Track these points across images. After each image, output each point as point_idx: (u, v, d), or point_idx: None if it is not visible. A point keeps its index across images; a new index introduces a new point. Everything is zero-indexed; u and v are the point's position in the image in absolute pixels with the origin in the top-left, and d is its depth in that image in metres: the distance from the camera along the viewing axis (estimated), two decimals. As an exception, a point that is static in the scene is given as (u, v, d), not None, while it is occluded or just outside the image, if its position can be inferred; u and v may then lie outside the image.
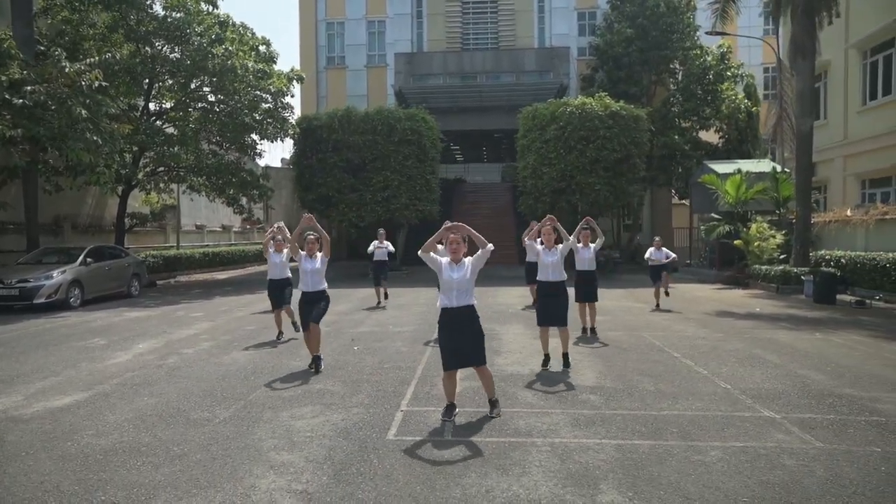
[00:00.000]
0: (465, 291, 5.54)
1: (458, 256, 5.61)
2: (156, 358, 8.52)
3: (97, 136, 14.70)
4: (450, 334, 5.51)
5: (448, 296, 5.54)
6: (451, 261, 5.62)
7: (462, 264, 5.60)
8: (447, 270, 5.57)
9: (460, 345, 5.47)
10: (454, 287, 5.51)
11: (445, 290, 5.55)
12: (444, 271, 5.57)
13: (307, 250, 7.88)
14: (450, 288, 5.52)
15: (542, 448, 4.82)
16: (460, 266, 5.58)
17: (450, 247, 5.64)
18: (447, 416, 5.53)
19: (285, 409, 5.92)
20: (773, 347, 8.90)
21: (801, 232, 17.36)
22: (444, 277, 5.55)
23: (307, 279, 7.79)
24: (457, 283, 5.50)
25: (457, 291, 5.51)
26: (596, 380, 7.00)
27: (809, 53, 17.16)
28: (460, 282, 5.51)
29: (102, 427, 5.45)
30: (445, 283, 5.55)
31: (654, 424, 5.38)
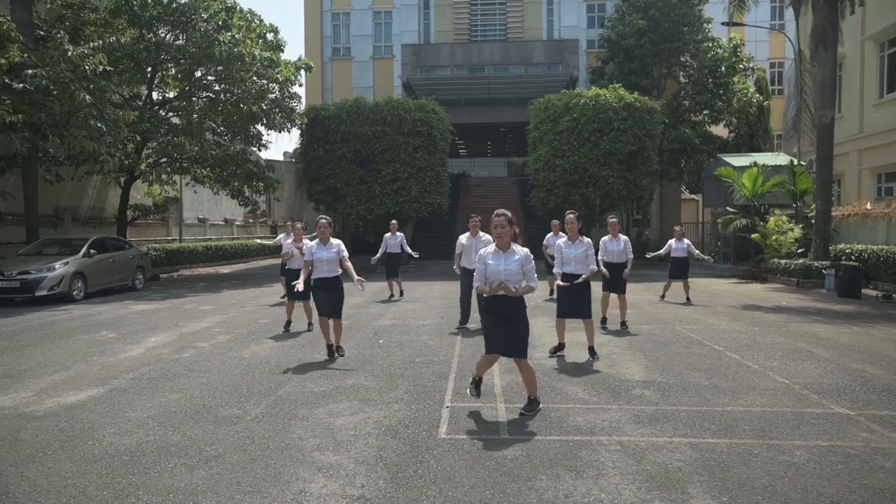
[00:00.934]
0: (514, 283, 5.09)
1: (504, 241, 5.12)
2: (171, 352, 8.08)
3: (101, 123, 14.22)
4: (496, 323, 5.11)
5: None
6: (498, 248, 5.14)
7: (511, 253, 5.10)
8: (494, 261, 5.09)
9: (504, 334, 5.08)
10: (502, 278, 5.04)
11: (493, 281, 5.07)
12: (490, 265, 5.08)
13: (320, 236, 7.52)
14: (498, 279, 5.06)
15: (610, 447, 4.41)
16: (509, 255, 5.09)
17: (494, 231, 5.15)
18: (475, 392, 5.32)
19: (320, 406, 5.50)
20: (814, 341, 8.52)
21: (821, 225, 16.99)
22: (493, 270, 5.06)
23: (322, 267, 7.47)
24: (505, 275, 5.04)
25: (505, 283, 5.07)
26: (644, 374, 6.60)
27: (832, 43, 16.76)
28: (508, 274, 5.04)
29: (124, 425, 5.02)
30: (493, 275, 5.06)
31: (723, 421, 4.97)
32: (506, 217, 5.13)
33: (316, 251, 7.46)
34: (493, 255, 5.13)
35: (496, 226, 5.13)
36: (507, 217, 5.14)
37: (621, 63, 26.13)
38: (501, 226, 5.10)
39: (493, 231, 5.20)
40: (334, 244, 7.53)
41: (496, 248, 5.16)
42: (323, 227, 7.53)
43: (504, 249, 5.12)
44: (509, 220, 5.15)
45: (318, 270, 7.47)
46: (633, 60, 25.78)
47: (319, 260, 7.44)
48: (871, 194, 21.12)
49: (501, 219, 5.11)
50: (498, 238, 5.14)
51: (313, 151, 22.48)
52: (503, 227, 5.10)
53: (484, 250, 5.27)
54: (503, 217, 5.13)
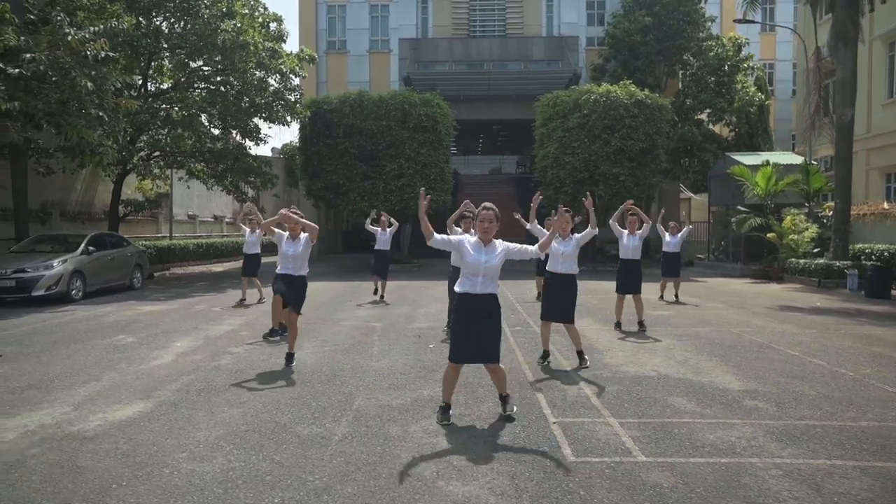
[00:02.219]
0: (492, 279, 4.75)
1: (489, 237, 4.73)
2: (204, 358, 7.36)
3: (102, 113, 13.33)
4: (467, 325, 4.71)
5: (472, 281, 4.73)
6: (480, 240, 4.74)
7: (493, 246, 4.74)
8: (475, 252, 4.71)
9: (478, 337, 4.70)
10: (480, 272, 4.69)
11: (470, 273, 4.72)
12: (469, 253, 4.70)
13: (290, 230, 6.91)
14: (476, 273, 4.70)
15: (771, 472, 3.88)
16: (490, 248, 4.72)
17: (480, 225, 4.74)
18: (445, 418, 4.79)
19: (410, 423, 4.87)
20: (885, 345, 8.14)
21: (840, 225, 16.79)
22: (470, 260, 4.69)
23: (287, 263, 6.90)
24: (484, 269, 4.67)
25: (482, 278, 4.70)
26: (739, 382, 6.10)
27: (852, 41, 16.56)
28: (488, 267, 4.68)
29: (196, 448, 4.34)
30: (471, 267, 4.70)
31: (871, 441, 4.47)
32: (493, 211, 4.79)
33: (284, 246, 6.92)
34: (475, 246, 4.75)
35: (483, 219, 4.75)
36: (495, 212, 4.80)
37: (625, 60, 25.77)
38: (489, 220, 4.73)
39: (478, 224, 4.80)
40: (302, 239, 6.93)
41: (478, 240, 4.78)
42: (293, 221, 6.78)
43: (486, 244, 4.76)
44: (496, 214, 4.80)
45: (283, 266, 6.93)
46: (639, 58, 25.45)
47: (284, 255, 6.91)
48: (879, 194, 21.06)
49: (490, 213, 4.77)
50: (484, 233, 4.74)
51: (314, 146, 21.69)
52: (490, 223, 4.73)
53: (464, 236, 4.92)
54: (491, 211, 4.78)
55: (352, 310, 11.61)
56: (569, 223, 6.85)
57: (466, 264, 4.77)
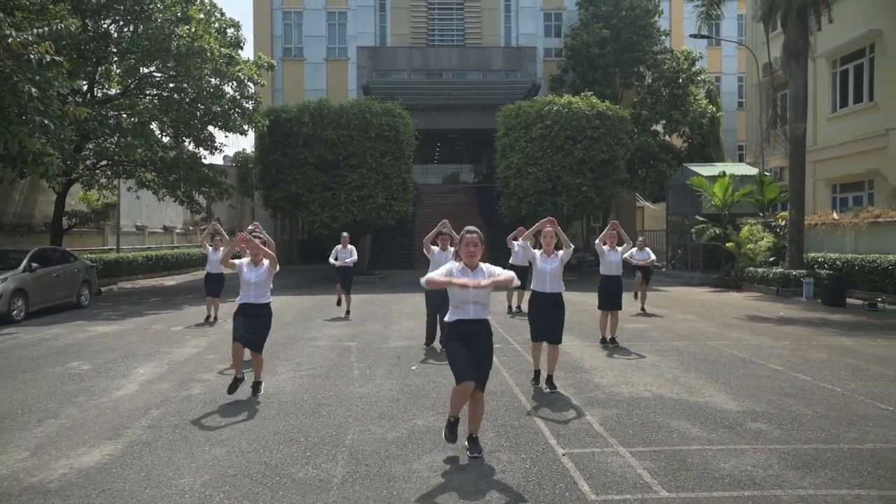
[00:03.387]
0: (484, 305, 4.59)
1: (474, 261, 4.57)
2: (173, 387, 6.85)
3: (47, 120, 12.50)
4: (466, 347, 4.55)
5: (464, 310, 4.55)
6: (466, 266, 4.57)
7: (480, 271, 4.57)
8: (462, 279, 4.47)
9: (474, 361, 4.53)
10: (471, 300, 4.51)
11: (460, 303, 4.55)
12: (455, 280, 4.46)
13: (251, 255, 6.43)
14: (466, 301, 4.52)
15: (798, 505, 3.76)
16: (478, 273, 4.55)
17: (465, 249, 4.57)
18: (452, 437, 4.58)
19: (411, 459, 4.57)
20: (860, 357, 8.27)
21: (794, 234, 17.27)
22: (458, 290, 4.47)
23: (249, 291, 6.37)
24: (474, 296, 4.49)
25: (474, 305, 4.54)
26: (735, 403, 6.02)
27: (803, 57, 17.15)
28: (478, 294, 4.50)
29: (180, 499, 3.92)
30: (460, 297, 4.52)
31: (885, 465, 4.41)
32: (478, 235, 4.62)
33: (245, 272, 6.38)
34: (461, 272, 4.56)
35: (468, 244, 4.57)
36: (479, 235, 4.63)
37: (584, 72, 26.12)
38: (474, 244, 4.57)
39: (462, 249, 4.61)
40: (264, 264, 6.42)
41: (464, 267, 4.59)
42: (254, 246, 6.36)
43: (473, 269, 4.57)
44: (481, 238, 4.63)
45: (245, 295, 6.38)
46: (597, 70, 25.83)
47: (246, 282, 6.37)
48: (826, 204, 21.87)
49: (474, 236, 4.60)
50: (469, 257, 4.57)
51: (272, 155, 21.05)
52: (475, 246, 4.57)
53: (451, 266, 4.67)
54: (475, 235, 4.61)
55: (321, 327, 11.16)
56: (553, 238, 6.65)
57: (455, 294, 4.54)
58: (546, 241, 6.58)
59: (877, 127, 19.41)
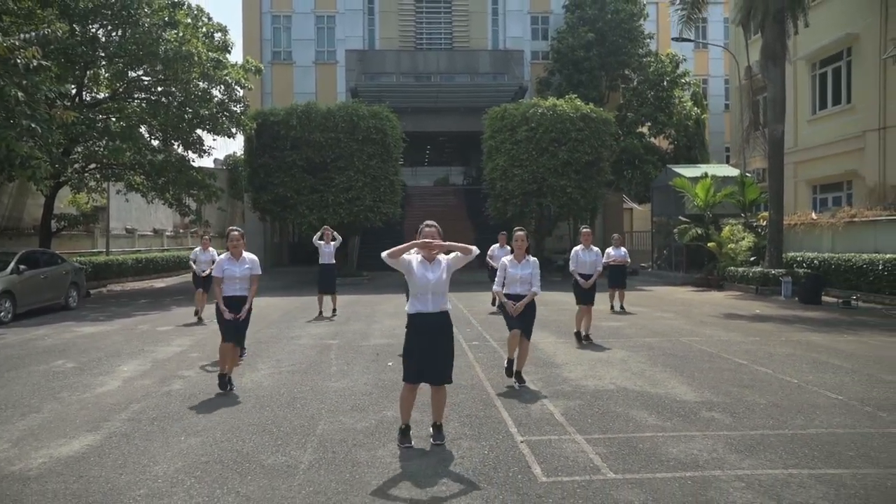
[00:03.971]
0: (442, 295, 4.79)
1: (431, 255, 4.79)
2: (154, 383, 7.06)
3: (35, 124, 12.68)
4: (421, 344, 4.73)
5: (422, 300, 4.74)
6: (424, 258, 4.79)
7: (437, 263, 4.79)
8: (421, 270, 4.73)
9: (432, 356, 4.73)
10: (430, 290, 4.72)
11: (419, 293, 4.74)
12: (416, 271, 4.72)
13: (231, 250, 6.71)
14: (425, 291, 4.72)
15: (734, 484, 4.01)
16: (435, 265, 4.78)
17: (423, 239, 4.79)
18: (405, 441, 4.78)
19: (377, 447, 4.80)
20: (824, 351, 8.56)
21: (774, 234, 17.60)
22: (417, 278, 4.71)
23: (234, 285, 6.68)
24: (433, 286, 4.71)
25: (432, 295, 4.73)
26: (694, 393, 6.29)
27: (780, 60, 17.48)
28: (437, 283, 4.72)
29: (153, 483, 4.14)
30: (419, 286, 4.72)
31: (820, 447, 4.69)
32: (435, 228, 4.86)
33: (227, 266, 6.66)
34: (421, 265, 4.78)
35: (425, 236, 4.78)
36: (437, 228, 4.87)
37: (569, 75, 26.45)
38: (431, 237, 4.77)
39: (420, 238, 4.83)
40: (247, 260, 6.73)
41: (422, 258, 4.81)
42: (235, 239, 6.69)
43: (431, 262, 4.80)
44: (438, 231, 4.86)
45: (229, 288, 6.68)
46: (582, 72, 26.16)
47: (230, 277, 6.65)
48: (806, 205, 22.25)
49: (432, 229, 4.82)
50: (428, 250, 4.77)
51: (260, 158, 21.24)
52: (433, 239, 4.77)
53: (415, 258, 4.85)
54: (433, 228, 4.84)
55: (304, 327, 11.38)
56: (525, 242, 6.85)
57: (414, 284, 4.75)
58: (518, 245, 6.74)
59: (854, 129, 19.81)
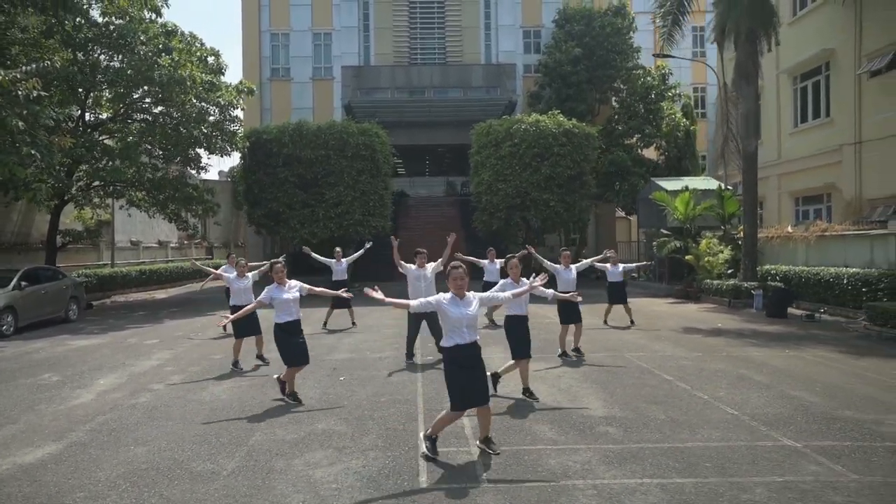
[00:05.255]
0: (474, 328, 5.38)
1: (462, 292, 5.37)
2: (124, 396, 7.81)
3: (34, 150, 13.58)
4: (464, 374, 5.28)
5: (459, 332, 5.28)
6: (456, 296, 5.35)
7: (468, 300, 5.37)
8: (454, 308, 5.29)
9: (475, 384, 5.30)
10: (465, 325, 5.28)
11: (454, 327, 5.28)
12: (450, 311, 5.27)
13: (277, 279, 7.50)
14: (460, 325, 5.27)
15: (586, 492, 4.64)
16: (466, 302, 5.35)
17: (454, 283, 5.36)
18: (434, 451, 5.38)
19: (296, 456, 5.49)
20: (753, 367, 9.11)
21: (748, 248, 18.09)
22: (453, 317, 5.26)
23: (290, 308, 7.44)
24: (468, 321, 5.30)
25: (467, 329, 5.30)
26: (605, 409, 6.91)
27: (753, 78, 18.01)
28: (471, 318, 5.32)
29: (94, 487, 4.86)
30: (454, 322, 5.27)
31: (686, 459, 5.30)
32: (463, 269, 5.40)
33: (275, 293, 7.39)
34: (451, 301, 5.32)
35: (455, 277, 5.35)
36: (464, 269, 5.42)
37: (558, 89, 27.08)
38: (461, 277, 5.34)
39: (451, 282, 5.38)
40: (293, 284, 7.51)
41: (453, 296, 5.36)
42: (279, 271, 7.50)
43: (462, 298, 5.35)
44: (465, 271, 5.41)
45: (285, 313, 7.39)
46: (570, 86, 26.78)
47: (283, 301, 7.38)
48: (789, 217, 22.67)
49: (460, 271, 5.37)
50: (458, 289, 5.35)
51: (254, 175, 22.12)
52: (462, 279, 5.35)
53: (440, 296, 5.44)
54: (461, 269, 5.38)
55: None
56: (518, 267, 7.50)
57: (450, 320, 5.24)
58: (512, 270, 7.28)
59: (833, 142, 20.25)
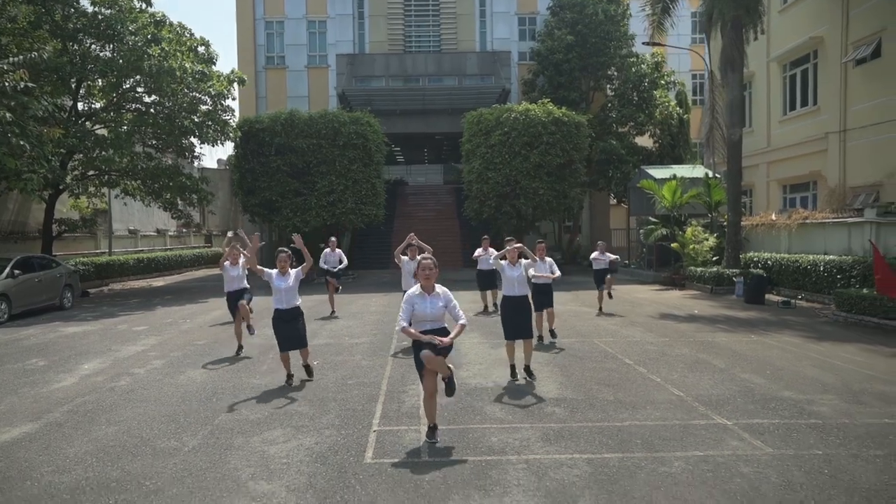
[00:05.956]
0: (439, 321, 5.48)
1: (430, 283, 5.46)
2: (105, 380, 8.19)
3: (24, 141, 13.90)
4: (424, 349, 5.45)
5: (422, 325, 5.44)
6: (423, 290, 5.45)
7: (436, 295, 5.45)
8: (420, 302, 5.41)
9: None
10: (428, 319, 5.43)
11: (418, 321, 5.41)
12: (416, 306, 5.40)
13: (279, 268, 7.77)
14: (424, 320, 5.42)
15: (517, 466, 4.98)
16: (434, 297, 5.44)
17: (421, 273, 5.48)
18: (431, 437, 5.52)
19: (255, 434, 5.85)
20: (714, 351, 9.43)
21: (732, 235, 18.34)
22: (417, 311, 5.39)
23: (281, 297, 7.71)
24: (432, 315, 5.41)
25: (430, 323, 5.44)
26: (558, 391, 7.24)
27: (738, 66, 18.14)
28: (435, 314, 5.43)
29: (62, 462, 5.23)
30: (418, 316, 5.40)
31: (619, 436, 5.63)
32: (432, 261, 5.56)
33: (276, 281, 7.70)
34: (419, 297, 5.45)
35: (423, 268, 5.46)
36: (433, 261, 5.57)
37: (551, 76, 27.19)
38: (429, 268, 5.46)
39: (420, 273, 5.51)
40: (292, 273, 7.80)
41: (422, 291, 5.48)
42: (282, 260, 7.77)
43: (430, 293, 5.48)
44: (434, 263, 5.55)
45: (277, 301, 7.72)
46: (563, 74, 26.88)
47: (277, 290, 7.69)
48: (777, 204, 22.85)
49: (428, 262, 5.51)
50: (426, 280, 5.45)
51: (248, 164, 22.43)
52: (430, 270, 5.46)
53: (411, 291, 5.55)
54: (429, 261, 5.52)
55: (266, 327, 12.43)
56: (516, 252, 7.88)
57: (415, 315, 5.37)
58: (510, 253, 7.83)
59: (819, 130, 20.38)
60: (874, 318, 11.72)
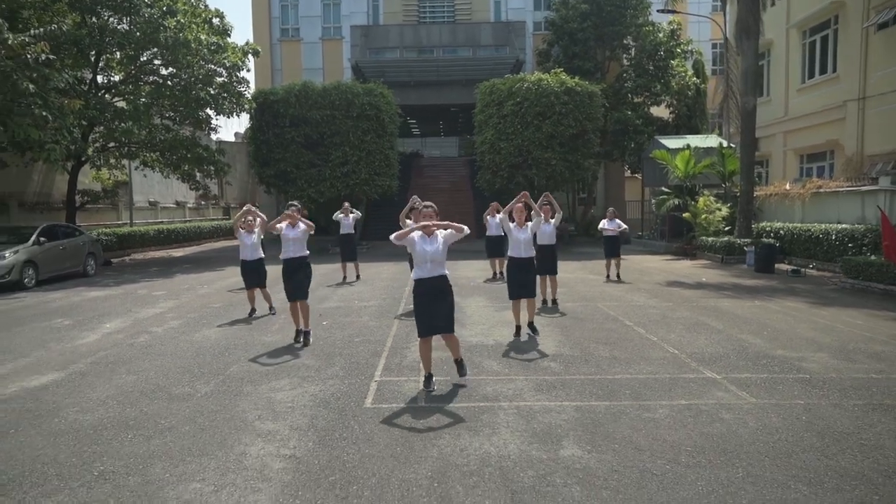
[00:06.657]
0: (440, 263, 5.85)
1: (430, 229, 5.85)
2: (126, 337, 8.61)
3: (46, 112, 14.30)
4: (424, 303, 5.80)
5: (422, 267, 5.81)
6: (424, 234, 5.86)
7: (435, 237, 5.86)
8: (420, 243, 5.80)
9: (434, 313, 5.78)
10: (428, 259, 5.79)
11: (419, 262, 5.82)
12: (416, 244, 5.79)
13: (289, 221, 8.14)
14: (424, 260, 5.79)
15: (508, 411, 5.26)
16: (433, 239, 5.85)
17: (422, 217, 6.03)
18: (428, 386, 5.84)
19: (264, 383, 6.20)
20: (716, 315, 9.59)
21: (744, 205, 18.29)
22: (418, 250, 5.77)
23: (289, 246, 8.10)
24: (430, 255, 5.78)
25: (430, 263, 5.80)
26: (556, 348, 7.49)
27: (753, 33, 17.89)
28: (434, 254, 5.79)
29: (86, 404, 5.62)
30: (419, 256, 5.79)
31: (609, 387, 5.88)
32: (432, 208, 6.16)
33: (285, 230, 8.11)
34: (420, 239, 5.84)
35: (424, 216, 6.08)
36: (434, 208, 6.18)
37: (566, 46, 26.94)
38: (429, 216, 6.04)
39: (420, 218, 6.11)
40: (301, 224, 8.14)
41: (422, 235, 5.86)
42: (291, 214, 8.13)
43: (429, 236, 5.87)
44: (435, 210, 6.15)
45: (286, 250, 8.11)
46: (577, 44, 26.62)
47: (286, 238, 8.09)
48: (794, 174, 22.62)
49: (430, 209, 6.12)
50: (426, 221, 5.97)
51: (263, 135, 22.72)
52: (430, 218, 6.03)
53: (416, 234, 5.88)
54: (430, 209, 6.14)
55: (280, 292, 12.82)
56: (524, 212, 8.04)
57: (417, 254, 5.78)
58: (518, 214, 7.95)
59: (837, 98, 20.05)
60: (881, 284, 11.76)
